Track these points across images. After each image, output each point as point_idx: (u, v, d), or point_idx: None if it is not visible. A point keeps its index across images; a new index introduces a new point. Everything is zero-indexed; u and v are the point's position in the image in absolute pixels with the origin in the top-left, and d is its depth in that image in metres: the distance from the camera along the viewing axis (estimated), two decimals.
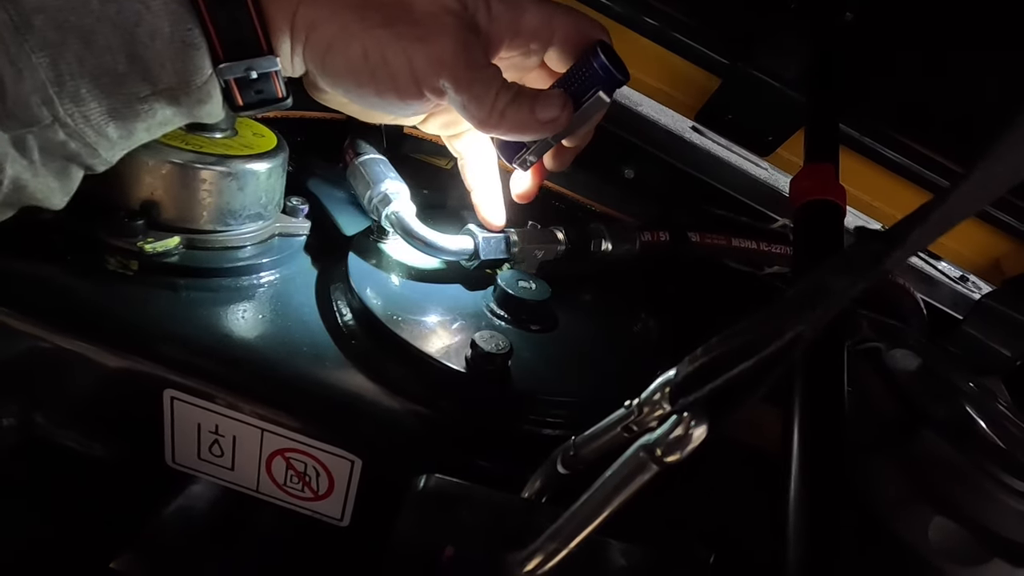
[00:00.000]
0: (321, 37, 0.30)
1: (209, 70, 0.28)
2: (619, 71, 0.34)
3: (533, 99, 0.33)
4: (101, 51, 0.25)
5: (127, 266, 0.37)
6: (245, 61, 0.28)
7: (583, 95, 0.35)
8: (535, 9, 0.33)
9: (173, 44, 0.26)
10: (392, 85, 0.31)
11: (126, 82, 0.26)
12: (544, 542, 0.26)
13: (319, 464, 0.35)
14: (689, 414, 0.22)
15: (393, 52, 0.30)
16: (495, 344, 0.36)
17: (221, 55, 0.28)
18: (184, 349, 0.35)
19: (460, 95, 0.31)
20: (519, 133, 0.34)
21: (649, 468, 0.23)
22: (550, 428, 0.37)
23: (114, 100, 0.26)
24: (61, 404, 0.37)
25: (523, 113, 0.33)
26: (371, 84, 0.31)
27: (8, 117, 0.24)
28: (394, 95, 0.31)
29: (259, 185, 0.40)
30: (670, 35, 0.57)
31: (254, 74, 0.29)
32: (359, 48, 0.30)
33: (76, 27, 0.24)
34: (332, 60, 0.30)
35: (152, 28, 0.25)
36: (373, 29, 0.29)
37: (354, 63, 0.30)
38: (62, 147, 0.26)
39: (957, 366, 0.53)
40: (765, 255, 0.59)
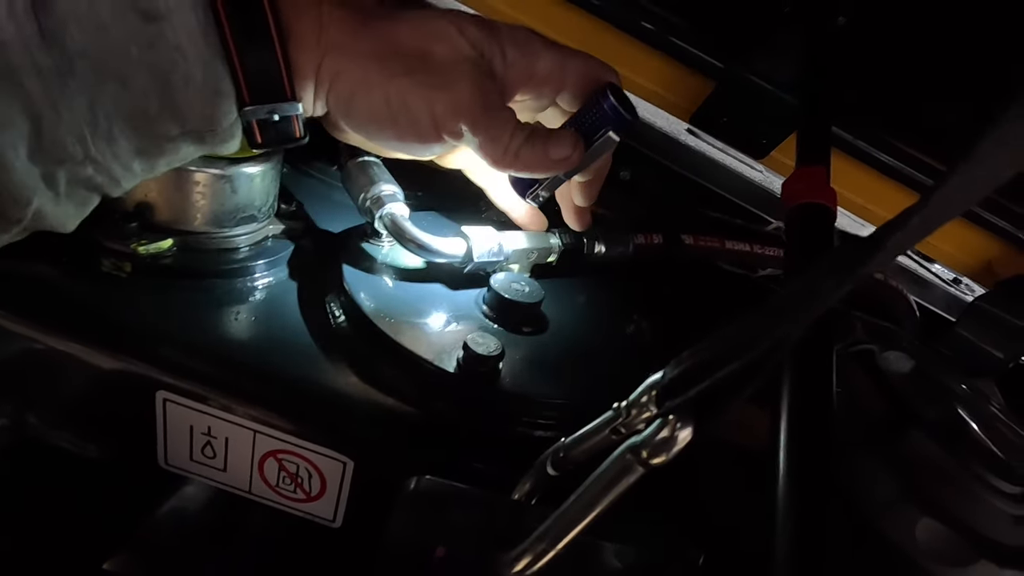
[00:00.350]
0: (345, 85, 0.31)
1: (235, 114, 0.29)
2: (628, 112, 0.36)
3: (546, 139, 0.35)
4: (137, 96, 0.26)
5: (121, 268, 0.37)
6: (269, 105, 0.30)
7: (594, 134, 0.37)
8: (548, 55, 0.35)
9: (205, 91, 0.27)
10: (413, 129, 0.33)
11: (157, 123, 0.27)
12: (533, 543, 0.26)
13: (311, 465, 0.35)
14: (675, 416, 0.23)
15: (414, 99, 0.32)
16: (487, 346, 0.36)
17: (248, 99, 0.29)
18: (177, 351, 0.35)
19: (477, 136, 0.33)
20: (532, 171, 0.36)
21: (635, 470, 0.23)
22: (542, 430, 0.37)
23: (144, 139, 0.28)
24: (54, 405, 0.37)
25: (536, 153, 0.35)
26: (392, 128, 0.33)
27: (42, 153, 0.25)
28: (414, 138, 0.34)
29: (253, 187, 0.40)
30: (665, 38, 0.58)
31: (276, 117, 0.30)
32: (381, 96, 0.32)
33: (115, 71, 0.25)
34: (356, 106, 0.32)
35: (186, 75, 0.27)
36: (395, 78, 0.31)
37: (376, 109, 0.32)
38: (88, 181, 0.27)
39: (950, 368, 0.53)
40: (759, 257, 0.60)
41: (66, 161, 0.26)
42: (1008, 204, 0.61)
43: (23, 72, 0.24)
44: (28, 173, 0.25)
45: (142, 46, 0.25)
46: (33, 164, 0.25)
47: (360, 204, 0.44)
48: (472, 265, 0.44)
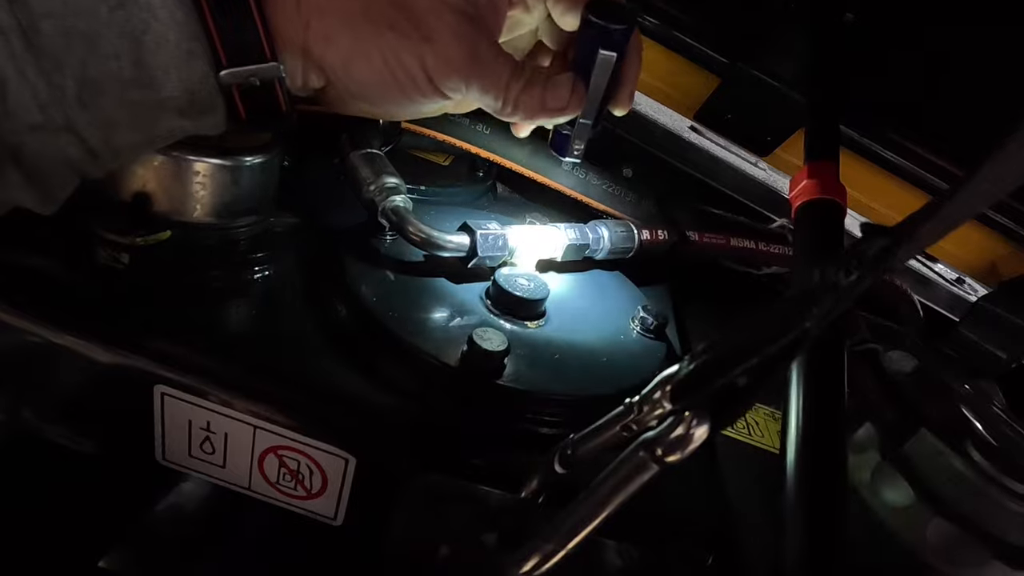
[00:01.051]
0: (340, 49, 0.30)
1: (212, 82, 0.28)
2: (615, 21, 0.34)
3: (543, 86, 0.34)
4: (106, 57, 0.25)
5: (118, 259, 0.36)
6: (248, 68, 0.28)
7: (588, 64, 0.34)
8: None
9: (179, 53, 0.26)
10: (415, 88, 0.32)
11: (131, 89, 0.26)
12: (541, 542, 0.25)
13: (312, 462, 0.35)
14: (691, 413, 0.22)
15: (405, 55, 0.31)
16: (492, 342, 0.35)
17: (224, 61, 0.27)
18: (175, 344, 0.34)
19: (473, 89, 0.33)
20: (534, 119, 0.35)
21: (649, 468, 0.23)
22: (548, 427, 0.37)
23: (118, 107, 0.26)
24: (50, 399, 0.36)
25: (535, 99, 0.34)
26: (396, 89, 0.32)
27: (8, 118, 0.24)
28: (419, 95, 0.32)
29: (254, 179, 0.39)
30: (670, 34, 0.57)
31: (257, 82, 0.29)
32: (378, 56, 0.30)
33: (83, 32, 0.24)
34: (354, 71, 0.31)
35: (158, 37, 0.26)
36: (384, 34, 0.30)
37: (377, 71, 0.31)
38: (60, 152, 0.26)
39: (953, 368, 0.53)
40: (763, 255, 0.59)
41: (36, 129, 0.25)
42: (1014, 204, 0.61)
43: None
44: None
45: (111, 6, 0.25)
46: None
47: (362, 197, 0.43)
48: (476, 260, 0.43)
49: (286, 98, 0.30)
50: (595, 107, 0.36)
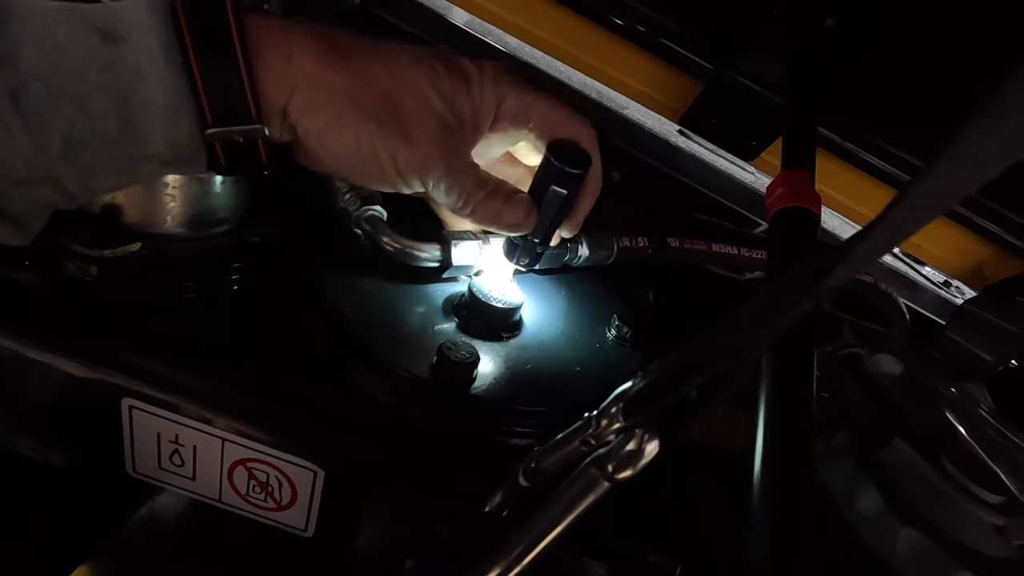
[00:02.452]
0: (318, 121, 0.31)
1: (196, 139, 0.28)
2: (572, 165, 0.37)
3: (503, 202, 0.37)
4: (94, 118, 0.25)
5: (86, 272, 0.36)
6: (233, 128, 0.29)
7: (542, 193, 0.38)
8: (514, 98, 0.36)
9: (165, 113, 0.27)
10: (379, 175, 0.33)
11: (116, 146, 0.27)
12: (499, 557, 0.25)
13: (281, 474, 0.35)
14: (641, 430, 0.22)
15: (381, 147, 0.32)
16: (462, 353, 0.35)
17: (211, 121, 0.28)
18: (142, 357, 0.34)
19: (438, 190, 0.34)
20: (488, 226, 0.38)
21: (600, 484, 0.23)
22: (518, 438, 0.37)
23: (102, 161, 0.27)
24: (17, 411, 0.36)
25: (492, 211, 0.36)
26: (361, 170, 0.33)
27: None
28: (378, 183, 0.34)
29: (226, 189, 0.39)
30: (655, 40, 0.57)
31: (240, 139, 0.29)
32: (352, 138, 0.32)
33: (71, 94, 0.25)
34: (326, 143, 0.32)
35: (146, 98, 0.26)
36: (366, 122, 0.31)
37: (347, 150, 0.32)
38: (41, 199, 0.27)
39: (940, 372, 0.52)
40: (745, 260, 0.59)
41: (18, 183, 0.25)
42: (998, 208, 0.60)
43: None
44: None
45: (101, 68, 0.25)
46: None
47: (337, 206, 0.43)
48: (451, 269, 0.43)
49: (267, 150, 0.31)
50: (542, 231, 0.40)
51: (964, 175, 0.13)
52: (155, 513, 0.42)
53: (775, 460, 0.28)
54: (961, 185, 0.14)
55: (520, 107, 0.36)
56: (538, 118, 0.37)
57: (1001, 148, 0.13)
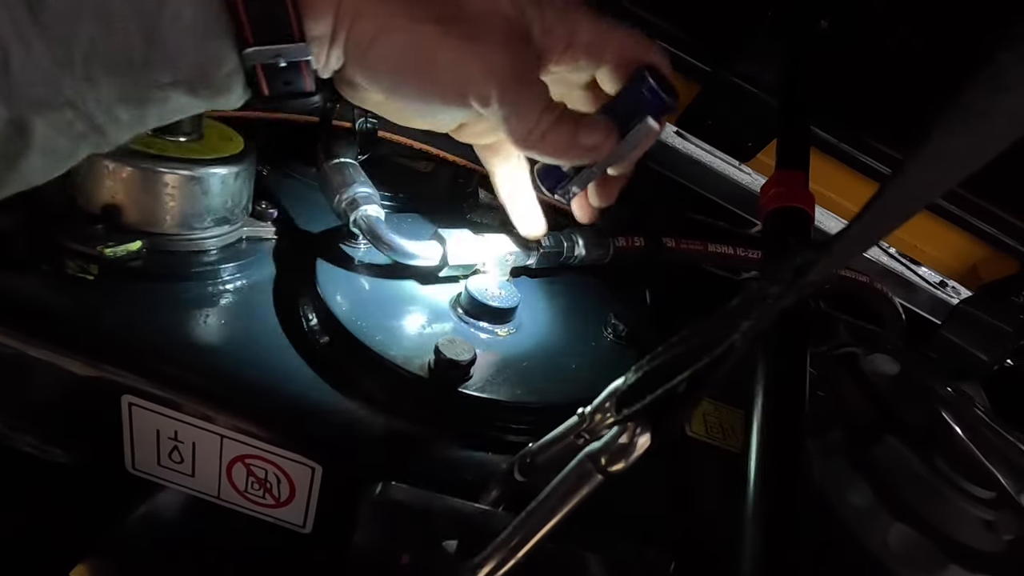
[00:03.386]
0: (366, 28, 0.27)
1: (232, 61, 0.26)
2: (669, 95, 0.33)
3: (577, 123, 0.32)
4: (118, 34, 0.23)
5: (87, 270, 0.36)
6: (275, 47, 0.26)
7: (630, 121, 0.33)
8: (589, 25, 0.32)
9: (196, 32, 0.24)
10: (436, 87, 0.30)
11: (143, 69, 0.24)
12: (493, 550, 0.25)
13: (280, 471, 0.35)
14: (633, 423, 0.22)
15: (441, 52, 0.28)
16: (459, 351, 0.35)
17: (250, 39, 0.25)
18: (142, 355, 0.34)
19: (504, 108, 0.30)
20: (558, 156, 0.33)
21: (594, 477, 0.23)
22: (514, 434, 0.37)
23: (128, 86, 0.24)
24: (18, 409, 0.36)
25: (565, 136, 0.32)
26: (414, 83, 0.29)
27: (12, 94, 0.22)
28: (437, 98, 0.30)
29: (224, 189, 0.40)
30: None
31: (283, 62, 0.26)
32: (405, 43, 0.28)
33: (93, 6, 0.22)
34: (375, 53, 0.28)
35: (175, 12, 0.23)
36: (422, 24, 0.28)
37: (398, 59, 0.28)
38: (68, 128, 0.24)
39: (935, 371, 0.53)
40: (740, 260, 0.59)
41: (40, 105, 0.23)
42: (993, 209, 0.61)
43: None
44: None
45: None
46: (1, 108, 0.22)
47: (335, 206, 0.43)
48: (448, 268, 0.43)
49: (311, 77, 0.28)
50: (615, 160, 0.35)
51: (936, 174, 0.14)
52: (154, 510, 0.42)
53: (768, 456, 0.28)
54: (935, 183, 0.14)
55: (595, 36, 0.32)
56: (616, 49, 0.33)
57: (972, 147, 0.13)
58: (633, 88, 0.33)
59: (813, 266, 0.16)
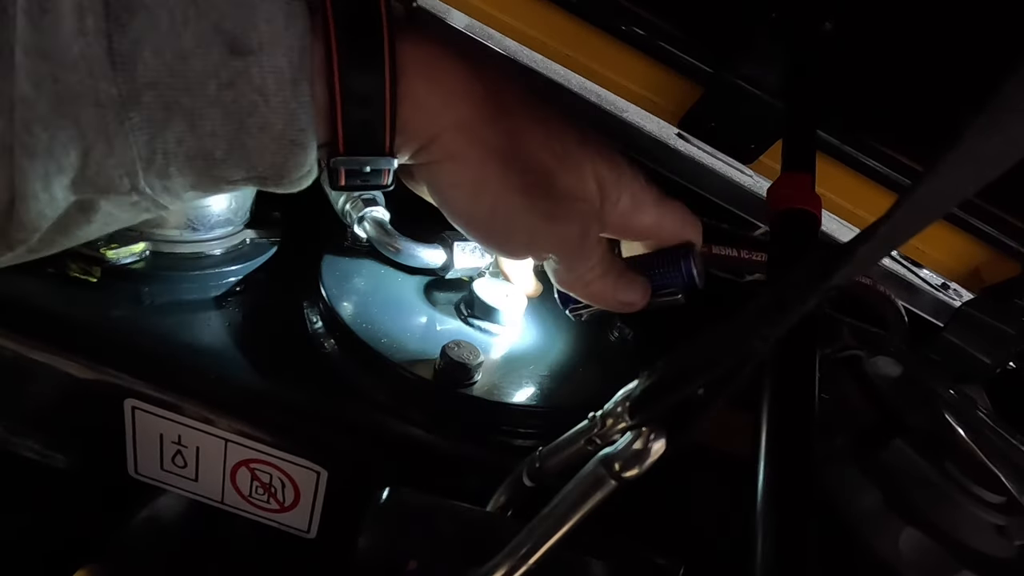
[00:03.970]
0: (455, 175, 0.28)
1: (310, 166, 0.25)
2: (700, 279, 0.36)
3: (618, 279, 0.34)
4: (204, 136, 0.23)
5: (90, 272, 0.36)
6: (364, 158, 0.26)
7: (661, 288, 0.36)
8: (653, 212, 0.34)
9: (282, 142, 0.24)
10: (504, 243, 0.31)
11: (219, 167, 0.24)
12: (504, 557, 0.25)
13: (284, 475, 0.35)
14: (647, 428, 0.22)
15: (520, 220, 0.29)
16: (466, 354, 0.35)
17: (342, 150, 0.25)
18: (146, 358, 0.34)
19: (560, 265, 0.32)
20: (595, 302, 0.35)
21: (608, 483, 0.23)
22: (521, 439, 0.37)
23: (202, 179, 0.24)
24: (20, 413, 0.36)
25: (606, 290, 0.33)
26: (483, 232, 0.30)
27: (83, 184, 0.22)
28: (500, 249, 0.32)
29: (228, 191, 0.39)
30: (654, 43, 0.58)
31: (368, 168, 0.27)
32: (489, 203, 0.28)
33: (186, 109, 0.22)
34: (458, 197, 0.29)
35: (264, 121, 0.23)
36: (510, 193, 0.28)
37: (477, 212, 0.29)
38: (131, 207, 0.24)
39: (938, 374, 0.53)
40: (745, 262, 0.59)
41: (110, 192, 0.22)
42: (996, 211, 0.61)
43: (82, 101, 0.20)
44: (51, 204, 0.22)
45: (222, 83, 0.22)
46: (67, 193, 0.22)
47: (341, 208, 0.43)
48: (453, 271, 0.43)
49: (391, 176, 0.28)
50: None
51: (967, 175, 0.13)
52: (156, 515, 0.42)
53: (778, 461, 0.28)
54: (964, 184, 0.14)
55: (655, 222, 0.34)
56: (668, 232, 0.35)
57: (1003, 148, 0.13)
58: (673, 261, 0.36)
59: (838, 270, 0.16)
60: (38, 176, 0.21)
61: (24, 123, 0.19)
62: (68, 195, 0.22)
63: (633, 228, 0.34)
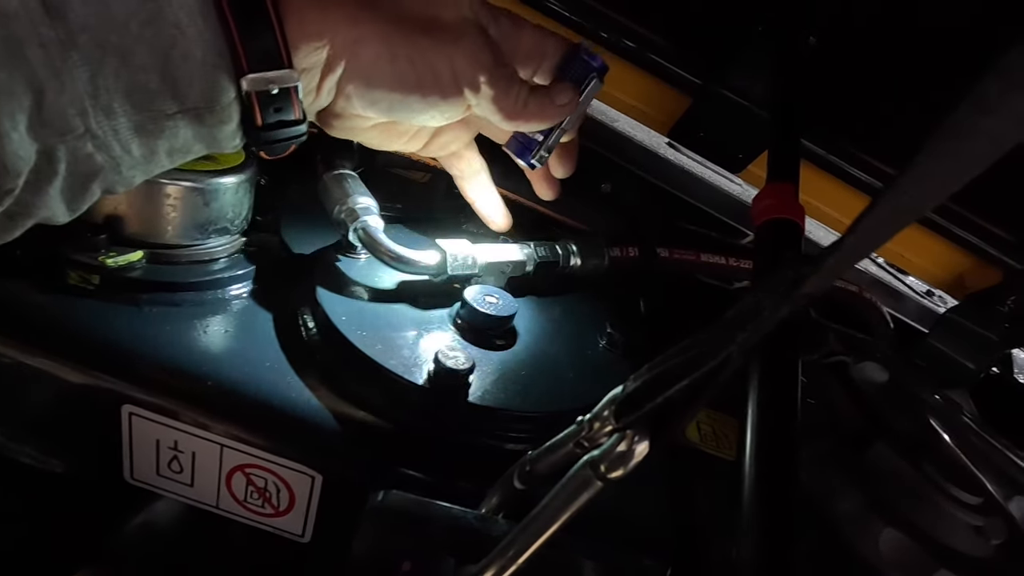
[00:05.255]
0: (367, 53, 0.32)
1: (232, 92, 0.29)
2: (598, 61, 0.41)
3: (546, 90, 0.39)
4: (136, 69, 0.26)
5: (88, 280, 0.37)
6: (267, 74, 0.30)
7: (580, 82, 0.41)
8: (531, 32, 0.39)
9: (204, 66, 0.28)
10: (437, 87, 0.35)
11: (156, 99, 0.27)
12: (495, 556, 0.26)
13: (279, 480, 0.35)
14: (632, 431, 0.23)
15: (435, 56, 0.34)
16: (458, 360, 0.36)
17: (246, 67, 0.29)
18: (142, 364, 0.35)
19: (492, 88, 0.36)
20: (540, 119, 0.40)
21: (593, 484, 0.23)
22: (512, 443, 0.37)
23: (142, 116, 0.28)
24: (17, 419, 0.36)
25: (542, 101, 0.38)
26: (418, 90, 0.34)
27: (43, 126, 0.25)
28: (438, 95, 0.35)
29: (226, 200, 0.40)
30: (644, 55, 0.59)
31: (275, 89, 0.30)
32: (406, 58, 0.33)
33: (116, 46, 0.26)
34: (379, 72, 0.33)
35: (185, 51, 0.27)
36: (415, 39, 0.33)
37: (402, 72, 0.33)
38: (88, 160, 0.27)
39: (924, 379, 0.54)
40: (733, 270, 0.60)
41: (66, 134, 0.26)
42: (978, 220, 0.62)
43: (27, 44, 0.24)
44: (23, 144, 0.25)
45: (142, 22, 0.26)
46: (31, 137, 0.25)
47: (335, 216, 0.44)
48: (446, 277, 0.44)
49: (300, 106, 0.32)
50: (577, 116, 0.43)
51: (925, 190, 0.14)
52: (151, 520, 0.42)
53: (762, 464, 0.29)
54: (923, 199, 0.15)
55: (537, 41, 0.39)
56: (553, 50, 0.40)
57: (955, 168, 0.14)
58: (574, 61, 0.41)
59: (807, 279, 0.17)
60: (5, 114, 0.24)
61: None
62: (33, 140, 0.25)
63: (519, 52, 0.39)
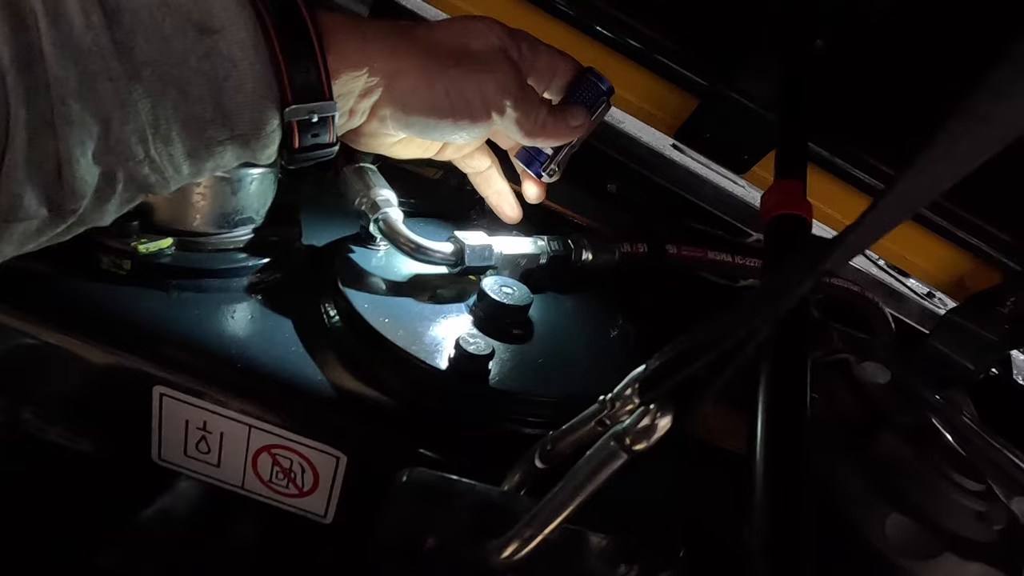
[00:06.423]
0: (405, 83, 0.36)
1: (276, 121, 0.32)
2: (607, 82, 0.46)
3: (562, 111, 0.43)
4: (193, 100, 0.29)
5: (120, 265, 0.38)
6: (309, 105, 0.32)
7: (591, 104, 0.45)
8: (546, 53, 0.43)
9: (254, 97, 0.31)
10: (468, 113, 0.38)
11: (209, 127, 0.30)
12: (520, 529, 0.27)
13: (305, 460, 0.36)
14: (656, 405, 0.24)
15: (467, 84, 0.38)
16: (478, 346, 0.37)
17: (291, 100, 0.32)
18: (174, 347, 0.36)
19: (516, 111, 0.40)
20: (556, 138, 0.44)
21: (619, 456, 0.25)
22: (529, 427, 0.38)
23: (196, 142, 0.30)
24: (50, 400, 0.37)
25: (558, 121, 0.43)
26: (450, 116, 0.38)
27: (107, 153, 0.28)
28: (468, 120, 0.39)
29: (251, 190, 0.41)
30: (651, 57, 0.60)
31: (315, 117, 0.33)
32: (442, 87, 0.37)
33: (176, 79, 0.28)
34: (415, 100, 0.37)
35: (237, 83, 0.30)
36: (449, 69, 0.37)
37: (437, 100, 0.37)
38: (143, 180, 0.30)
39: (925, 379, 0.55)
40: (740, 268, 0.61)
41: (128, 160, 0.28)
42: (979, 222, 0.64)
43: (99, 78, 0.26)
44: (89, 169, 0.27)
45: (199, 56, 0.28)
46: (96, 163, 0.27)
47: (356, 208, 0.45)
48: (463, 267, 0.45)
49: (335, 132, 0.35)
50: (586, 135, 0.47)
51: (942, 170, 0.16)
52: (172, 500, 0.43)
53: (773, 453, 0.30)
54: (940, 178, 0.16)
55: (550, 61, 0.43)
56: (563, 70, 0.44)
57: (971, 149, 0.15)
58: (587, 84, 0.45)
59: (827, 256, 0.18)
60: (76, 142, 0.26)
61: (60, 97, 0.25)
62: (98, 165, 0.28)
63: (535, 71, 0.43)
